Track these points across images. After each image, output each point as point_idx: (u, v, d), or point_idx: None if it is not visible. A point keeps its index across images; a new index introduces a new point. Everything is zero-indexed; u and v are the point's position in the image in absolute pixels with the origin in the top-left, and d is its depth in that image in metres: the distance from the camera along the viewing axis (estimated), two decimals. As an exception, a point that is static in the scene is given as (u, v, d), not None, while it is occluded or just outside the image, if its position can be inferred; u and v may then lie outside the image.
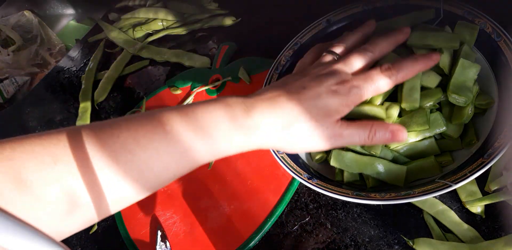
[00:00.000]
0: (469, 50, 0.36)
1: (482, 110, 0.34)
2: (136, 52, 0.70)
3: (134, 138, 0.27)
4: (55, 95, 0.78)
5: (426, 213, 0.35)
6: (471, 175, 0.29)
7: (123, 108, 0.66)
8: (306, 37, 0.46)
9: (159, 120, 0.28)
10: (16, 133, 0.79)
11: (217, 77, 0.57)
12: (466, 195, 0.34)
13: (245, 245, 0.41)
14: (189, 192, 0.49)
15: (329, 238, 0.38)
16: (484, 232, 0.33)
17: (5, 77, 0.88)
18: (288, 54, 0.46)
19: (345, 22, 0.45)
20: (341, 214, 0.39)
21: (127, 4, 0.82)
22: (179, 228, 0.47)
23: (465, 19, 0.37)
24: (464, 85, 0.33)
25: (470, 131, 0.34)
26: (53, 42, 0.83)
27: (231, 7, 0.65)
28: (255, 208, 0.43)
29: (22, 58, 0.78)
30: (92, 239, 0.53)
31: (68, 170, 0.25)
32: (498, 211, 0.33)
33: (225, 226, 0.44)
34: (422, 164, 0.34)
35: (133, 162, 0.26)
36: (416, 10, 0.40)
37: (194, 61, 0.61)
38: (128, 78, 0.69)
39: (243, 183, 0.46)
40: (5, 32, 0.81)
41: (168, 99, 0.60)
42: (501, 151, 0.29)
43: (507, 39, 0.33)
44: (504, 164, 0.33)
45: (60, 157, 0.25)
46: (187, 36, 0.67)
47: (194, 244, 0.45)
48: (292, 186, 0.42)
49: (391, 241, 0.35)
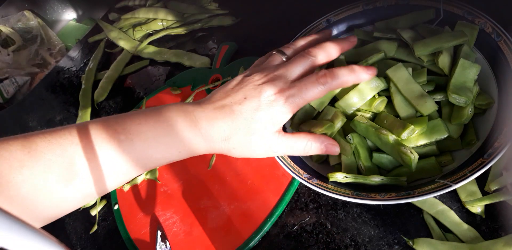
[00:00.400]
0: (469, 50, 0.36)
1: (482, 110, 0.34)
2: (136, 52, 0.70)
3: (129, 131, 0.31)
4: (55, 95, 0.78)
5: (426, 213, 0.35)
6: (471, 175, 0.29)
7: (123, 108, 0.66)
8: (306, 37, 0.46)
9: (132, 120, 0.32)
10: (16, 133, 0.78)
11: (217, 77, 0.57)
12: (466, 195, 0.34)
13: (245, 245, 0.41)
14: (189, 192, 0.49)
15: (329, 238, 0.38)
16: (484, 232, 0.33)
17: (5, 77, 0.88)
18: (288, 54, 0.46)
19: (345, 23, 0.45)
20: (341, 214, 0.39)
21: (127, 4, 0.82)
22: (179, 228, 0.47)
23: (465, 19, 0.37)
24: (464, 86, 0.33)
25: (470, 131, 0.34)
26: (53, 42, 0.83)
27: (231, 7, 0.65)
28: (255, 208, 0.43)
29: (22, 58, 0.79)
30: (92, 239, 0.53)
31: (71, 141, 0.29)
32: (498, 211, 0.33)
33: (225, 226, 0.44)
34: (422, 164, 0.34)
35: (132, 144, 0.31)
36: (416, 10, 0.40)
37: (194, 61, 0.61)
38: (128, 78, 0.69)
39: (243, 183, 0.46)
40: (5, 32, 0.81)
41: (168, 99, 0.60)
42: (501, 151, 0.29)
43: (507, 39, 0.33)
44: (504, 164, 0.33)
45: (70, 137, 0.30)
46: (187, 36, 0.67)
47: (194, 244, 0.45)
48: (292, 186, 0.42)
49: (391, 241, 0.35)
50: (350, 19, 0.45)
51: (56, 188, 0.28)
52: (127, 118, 0.32)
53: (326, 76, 0.32)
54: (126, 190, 0.54)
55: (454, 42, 0.35)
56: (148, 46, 0.69)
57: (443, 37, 0.35)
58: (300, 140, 0.33)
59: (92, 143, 0.30)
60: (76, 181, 0.29)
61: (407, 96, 0.34)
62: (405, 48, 0.39)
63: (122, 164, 0.31)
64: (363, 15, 0.44)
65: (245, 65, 0.55)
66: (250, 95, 0.32)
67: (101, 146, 0.30)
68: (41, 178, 0.28)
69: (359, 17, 0.44)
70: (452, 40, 0.35)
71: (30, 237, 0.13)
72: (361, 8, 0.44)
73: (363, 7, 0.44)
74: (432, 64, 0.37)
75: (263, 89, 0.32)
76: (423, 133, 0.33)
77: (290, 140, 0.33)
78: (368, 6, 0.43)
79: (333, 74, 0.32)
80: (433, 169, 0.34)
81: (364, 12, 0.44)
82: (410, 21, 0.40)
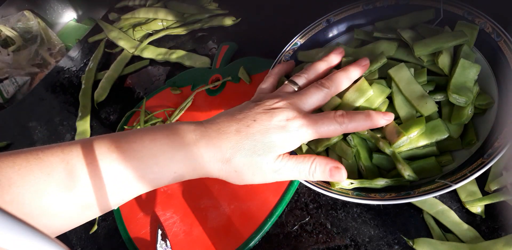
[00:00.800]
0: (469, 50, 0.36)
1: (482, 110, 0.34)
2: (136, 52, 0.70)
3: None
4: (55, 95, 0.78)
5: (426, 213, 0.35)
6: (471, 175, 0.29)
7: (123, 108, 0.66)
8: (306, 37, 0.46)
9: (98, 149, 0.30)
10: (16, 133, 0.79)
11: (217, 77, 0.57)
12: (466, 195, 0.34)
13: (245, 245, 0.41)
14: (189, 192, 0.49)
15: (329, 238, 0.38)
16: (484, 232, 0.33)
17: (5, 77, 0.88)
18: (288, 54, 0.46)
19: (345, 23, 0.45)
20: (341, 214, 0.39)
21: (127, 4, 0.82)
22: (179, 228, 0.47)
23: (465, 19, 0.37)
24: (464, 86, 0.33)
25: (470, 131, 0.34)
26: (53, 42, 0.83)
27: (231, 7, 0.65)
28: (255, 208, 0.43)
29: (22, 58, 0.79)
30: (92, 239, 0.53)
31: (75, 151, 0.28)
32: (498, 211, 0.33)
33: (225, 226, 0.44)
34: (422, 164, 0.34)
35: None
36: (416, 10, 0.40)
37: (194, 61, 0.61)
38: (128, 78, 0.69)
39: (243, 183, 0.46)
40: (5, 32, 0.81)
41: (168, 99, 0.60)
42: (501, 151, 0.29)
43: (507, 39, 0.33)
44: (504, 164, 0.33)
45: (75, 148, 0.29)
46: (187, 36, 0.67)
47: (194, 244, 0.45)
48: (292, 186, 0.42)
49: (391, 241, 0.35)
50: (350, 19, 0.45)
51: (52, 200, 0.27)
52: (119, 137, 0.30)
53: (344, 116, 0.31)
54: (126, 190, 0.54)
55: (454, 42, 0.35)
56: (148, 46, 0.69)
57: (443, 37, 0.35)
58: (304, 162, 0.31)
59: (92, 158, 0.28)
60: (75, 191, 0.28)
61: (408, 96, 0.34)
62: (405, 48, 0.39)
63: (120, 182, 0.29)
64: (363, 15, 0.44)
65: (245, 65, 0.55)
66: (260, 119, 0.31)
67: (94, 163, 0.28)
68: (33, 195, 0.26)
69: (359, 17, 0.44)
70: (452, 40, 0.35)
71: (30, 237, 0.13)
72: (361, 8, 0.44)
73: (363, 7, 0.44)
74: (432, 64, 0.37)
75: (275, 114, 0.31)
76: (423, 133, 0.33)
77: (292, 161, 0.31)
78: (368, 6, 0.43)
79: (351, 116, 0.31)
80: (433, 169, 0.34)
81: (364, 12, 0.44)
82: (410, 21, 0.40)
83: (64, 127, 0.71)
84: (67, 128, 0.70)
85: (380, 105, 0.36)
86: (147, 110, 0.60)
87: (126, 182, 0.29)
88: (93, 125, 0.67)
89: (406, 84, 0.35)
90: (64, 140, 0.69)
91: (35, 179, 0.26)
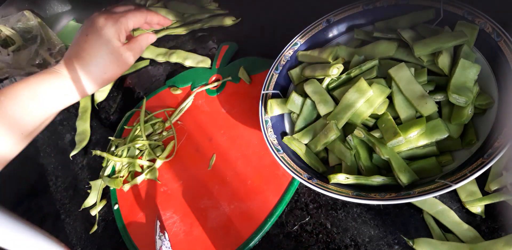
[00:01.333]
0: (469, 50, 0.36)
1: (482, 110, 0.34)
2: (136, 52, 0.70)
3: None
4: (55, 95, 0.78)
5: (426, 213, 0.35)
6: (471, 175, 0.29)
7: (123, 108, 0.66)
8: (306, 37, 0.46)
9: None
10: (16, 133, 0.78)
11: (217, 77, 0.57)
12: (466, 195, 0.34)
13: (245, 245, 0.41)
14: (189, 192, 0.49)
15: (329, 238, 0.38)
16: (484, 232, 0.33)
17: (5, 77, 0.88)
18: (288, 54, 0.46)
19: (345, 23, 0.45)
20: (341, 214, 0.39)
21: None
22: (179, 228, 0.47)
23: (465, 19, 0.37)
24: (464, 86, 0.33)
25: (470, 131, 0.34)
26: (53, 42, 0.83)
27: (231, 7, 0.65)
28: (255, 208, 0.43)
29: (22, 58, 0.78)
30: (92, 239, 0.53)
31: None
32: (498, 211, 0.33)
33: (225, 226, 0.44)
34: (422, 164, 0.34)
35: None
36: (416, 10, 0.40)
37: (194, 61, 0.61)
38: (128, 78, 0.69)
39: (243, 183, 0.46)
40: (5, 32, 0.81)
41: (168, 99, 0.60)
42: (501, 151, 0.29)
43: (507, 39, 0.33)
44: (504, 164, 0.33)
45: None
46: (187, 36, 0.67)
47: (194, 244, 0.45)
48: (292, 186, 0.42)
49: (391, 241, 0.35)
50: (350, 19, 0.45)
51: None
52: None
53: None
54: (126, 190, 0.54)
55: (454, 42, 0.35)
56: (148, 46, 0.69)
57: (443, 37, 0.35)
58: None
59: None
60: None
61: (408, 96, 0.34)
62: (405, 48, 0.39)
63: None
64: (363, 15, 0.44)
65: (245, 65, 0.55)
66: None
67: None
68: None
69: (359, 17, 0.44)
70: (452, 40, 0.35)
71: (31, 237, 0.13)
72: (361, 8, 0.44)
73: (363, 7, 0.44)
74: (432, 64, 0.37)
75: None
76: (423, 133, 0.33)
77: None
78: (368, 6, 0.43)
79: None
80: (433, 169, 0.34)
81: (364, 12, 0.44)
82: (410, 21, 0.40)
83: (64, 127, 0.71)
84: (67, 128, 0.70)
85: (380, 105, 0.36)
86: (147, 110, 0.60)
87: None
88: (93, 124, 0.67)
89: (406, 84, 0.35)
90: (64, 140, 0.69)
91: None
